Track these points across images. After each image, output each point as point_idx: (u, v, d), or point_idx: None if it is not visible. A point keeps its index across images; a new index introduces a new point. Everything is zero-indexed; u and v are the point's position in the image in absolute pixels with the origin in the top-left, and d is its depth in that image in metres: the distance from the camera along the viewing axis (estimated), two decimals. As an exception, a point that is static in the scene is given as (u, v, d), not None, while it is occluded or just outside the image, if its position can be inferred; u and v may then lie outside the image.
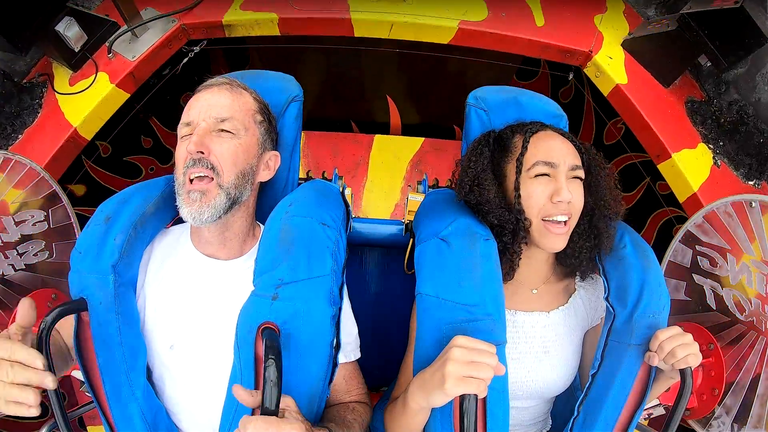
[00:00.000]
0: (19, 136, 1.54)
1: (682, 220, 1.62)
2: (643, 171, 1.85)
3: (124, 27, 1.61)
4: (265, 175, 1.05)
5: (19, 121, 1.58)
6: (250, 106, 1.02)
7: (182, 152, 0.95)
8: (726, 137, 1.66)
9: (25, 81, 1.64)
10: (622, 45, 1.68)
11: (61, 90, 1.59)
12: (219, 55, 2.39)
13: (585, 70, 1.69)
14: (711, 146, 1.61)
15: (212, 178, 0.93)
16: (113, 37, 1.60)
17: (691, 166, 1.53)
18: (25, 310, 0.77)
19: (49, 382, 0.72)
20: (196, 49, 1.78)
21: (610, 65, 1.62)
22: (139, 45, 1.63)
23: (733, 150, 1.64)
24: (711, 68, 1.66)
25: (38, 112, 1.58)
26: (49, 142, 1.51)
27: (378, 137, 2.33)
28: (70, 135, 1.53)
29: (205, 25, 1.69)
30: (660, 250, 1.25)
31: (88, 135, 1.59)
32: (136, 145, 2.13)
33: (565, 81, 2.13)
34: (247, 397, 0.76)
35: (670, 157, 1.54)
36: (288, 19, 1.67)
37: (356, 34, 1.76)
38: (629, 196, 1.94)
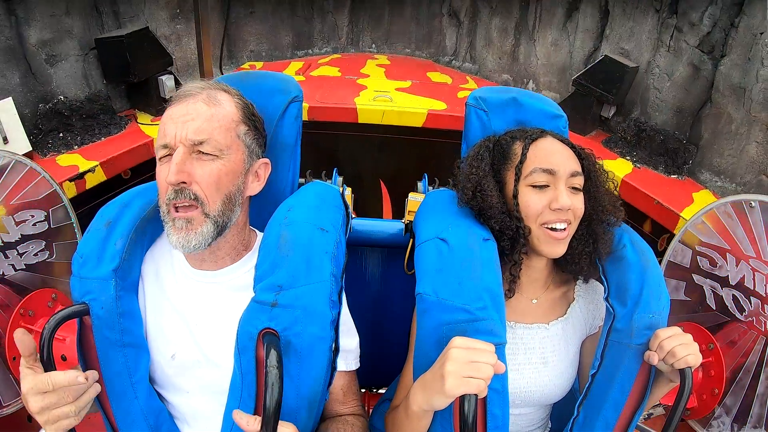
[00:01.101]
0: (102, 138, 1.97)
1: None
2: None
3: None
4: (255, 188, 0.99)
5: (106, 130, 2.05)
6: (231, 117, 0.92)
7: (162, 179, 0.89)
8: (636, 147, 2.24)
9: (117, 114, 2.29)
10: None
11: (143, 122, 2.25)
12: None
13: None
14: (628, 158, 2.15)
15: (197, 207, 0.88)
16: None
17: (614, 168, 2.02)
18: (22, 341, 0.80)
19: (92, 390, 0.85)
20: None
21: None
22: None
23: (646, 155, 2.16)
24: (616, 119, 2.39)
25: (122, 129, 2.12)
26: (126, 143, 1.97)
27: None
28: (147, 142, 2.02)
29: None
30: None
31: None
32: None
33: None
34: (247, 424, 0.75)
35: None
36: (314, 108, 2.43)
37: (360, 120, 2.48)
38: None
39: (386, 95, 2.59)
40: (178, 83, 2.41)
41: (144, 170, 2.18)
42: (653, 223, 1.90)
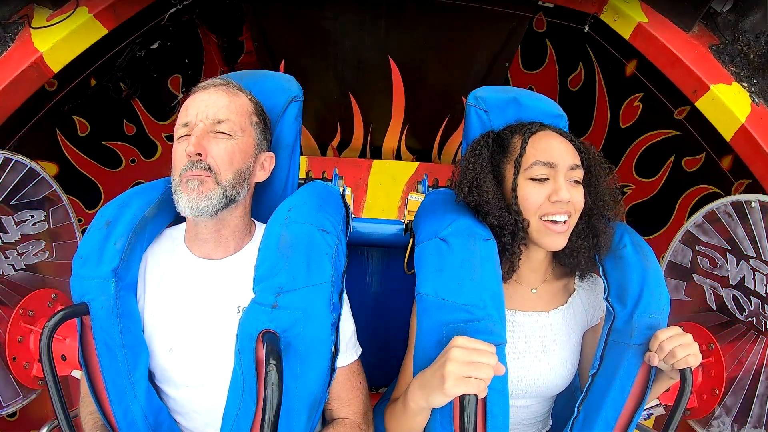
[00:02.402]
0: None
1: (717, 197, 1.48)
2: (666, 150, 1.78)
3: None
4: (260, 176, 1.05)
5: None
6: (247, 107, 1.02)
7: (180, 153, 0.96)
8: (759, 74, 1.56)
9: (2, 23, 1.53)
10: None
11: (37, 25, 1.48)
12: (211, 37, 2.30)
13: (602, 16, 1.66)
14: (745, 85, 1.49)
15: (210, 175, 0.94)
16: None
17: (728, 98, 1.40)
18: None
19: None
20: (187, 0, 1.82)
21: (628, 6, 1.58)
22: (126, -15, 1.59)
23: (767, 87, 1.53)
24: (726, 18, 1.62)
25: (9, 45, 1.45)
26: (10, 70, 1.40)
27: (376, 162, 2.47)
28: (35, 61, 1.41)
29: None
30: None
31: (55, 66, 1.47)
32: (118, 129, 2.03)
33: (573, 68, 2.07)
34: None
35: (709, 88, 1.43)
36: None
37: None
38: (653, 182, 1.85)
39: None
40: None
41: (72, 74, 1.62)
42: (737, 160, 1.49)
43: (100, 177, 1.98)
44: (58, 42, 1.43)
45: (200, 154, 0.93)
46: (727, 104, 1.40)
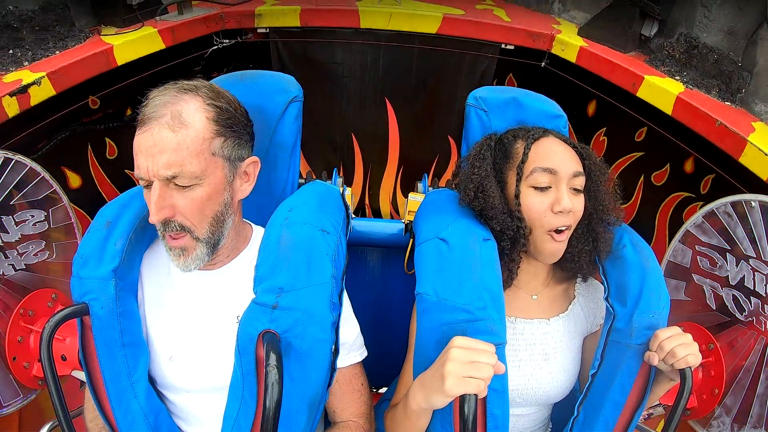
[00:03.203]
0: (57, 52, 1.65)
1: (690, 200, 1.72)
2: (635, 172, 1.97)
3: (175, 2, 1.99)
4: (245, 189, 0.95)
5: (62, 43, 1.71)
6: (202, 136, 0.84)
7: (150, 203, 0.86)
8: (686, 67, 1.87)
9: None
10: (578, 34, 2.03)
11: (106, 34, 1.79)
12: None
13: (553, 50, 2.05)
14: (677, 78, 1.78)
15: (186, 234, 0.88)
16: (163, 7, 1.95)
17: (665, 84, 1.68)
18: None
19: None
20: (226, 42, 2.16)
21: (572, 38, 2.00)
22: (182, 18, 1.98)
23: (698, 76, 1.82)
24: (658, 42, 1.99)
25: (81, 42, 1.72)
26: (82, 52, 1.64)
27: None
28: (105, 49, 1.66)
29: (239, 13, 2.13)
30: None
31: (120, 59, 1.72)
32: None
33: None
34: None
35: (644, 78, 1.71)
36: (308, 11, 2.16)
37: (362, 25, 2.20)
38: (631, 205, 2.01)
39: None
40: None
41: (109, 90, 1.81)
42: (697, 161, 1.69)
43: None
44: (126, 41, 1.73)
45: (167, 217, 0.85)
46: (662, 86, 1.66)
